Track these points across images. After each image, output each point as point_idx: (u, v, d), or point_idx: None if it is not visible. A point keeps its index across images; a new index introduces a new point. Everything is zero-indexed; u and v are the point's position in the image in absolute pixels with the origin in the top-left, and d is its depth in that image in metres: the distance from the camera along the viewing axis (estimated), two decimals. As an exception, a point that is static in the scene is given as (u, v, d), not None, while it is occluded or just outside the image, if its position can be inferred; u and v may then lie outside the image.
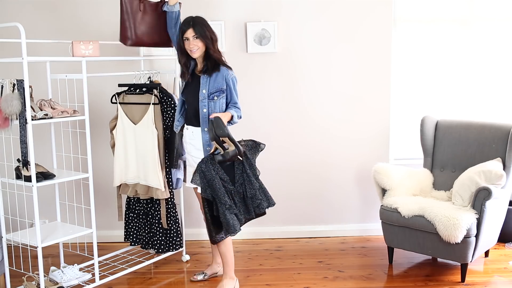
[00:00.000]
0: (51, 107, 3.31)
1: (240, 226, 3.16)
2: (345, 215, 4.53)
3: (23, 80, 3.00)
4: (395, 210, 3.67)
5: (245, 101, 4.35)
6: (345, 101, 4.41)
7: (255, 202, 3.25)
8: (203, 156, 3.28)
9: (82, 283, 3.46)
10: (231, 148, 3.08)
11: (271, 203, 3.32)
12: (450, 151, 4.04)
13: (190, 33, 3.22)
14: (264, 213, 3.32)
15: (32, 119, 3.04)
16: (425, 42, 4.52)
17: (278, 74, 4.37)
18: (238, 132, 4.46)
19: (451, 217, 3.38)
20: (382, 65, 4.38)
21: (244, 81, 4.34)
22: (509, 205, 3.96)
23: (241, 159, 3.18)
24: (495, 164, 3.66)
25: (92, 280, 3.49)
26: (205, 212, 3.16)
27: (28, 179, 3.11)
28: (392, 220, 3.70)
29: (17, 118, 3.06)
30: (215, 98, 3.26)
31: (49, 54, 3.90)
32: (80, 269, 3.61)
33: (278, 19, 4.28)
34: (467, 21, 4.50)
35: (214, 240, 3.25)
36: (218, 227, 3.19)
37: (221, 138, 3.05)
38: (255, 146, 3.34)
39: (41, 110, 3.23)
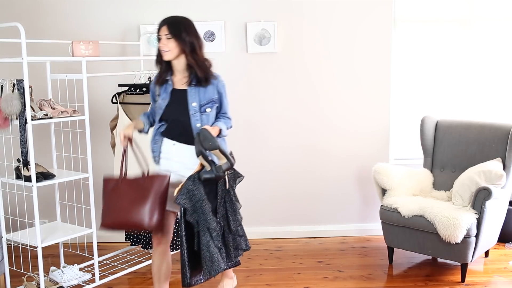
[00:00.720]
0: (51, 107, 3.32)
1: (224, 267, 2.71)
2: (345, 215, 4.53)
3: (23, 80, 3.00)
4: (395, 210, 3.67)
5: (245, 101, 4.36)
6: (345, 101, 4.41)
7: (236, 240, 2.82)
8: None
9: (82, 283, 3.46)
10: (222, 161, 2.69)
11: (247, 245, 2.91)
12: (450, 151, 4.04)
13: (163, 31, 2.78)
14: (238, 264, 2.92)
15: (32, 119, 3.04)
16: (425, 42, 4.51)
17: (278, 74, 4.37)
18: (238, 132, 4.46)
19: (451, 217, 3.38)
20: (382, 65, 4.38)
21: (244, 81, 4.35)
22: (509, 205, 3.95)
23: (231, 172, 2.78)
24: (495, 164, 3.66)
25: (92, 280, 3.49)
26: (183, 244, 2.65)
27: (28, 179, 3.11)
28: (392, 220, 3.70)
29: (17, 118, 3.06)
30: (208, 110, 2.85)
31: (49, 54, 3.90)
32: (80, 269, 3.61)
33: (278, 19, 4.28)
34: (467, 21, 4.50)
35: (189, 283, 2.69)
36: (195, 267, 2.70)
37: (211, 151, 2.67)
38: (235, 174, 2.91)
39: (41, 110, 3.23)
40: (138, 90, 3.70)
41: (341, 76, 4.39)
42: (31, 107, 3.10)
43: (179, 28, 2.77)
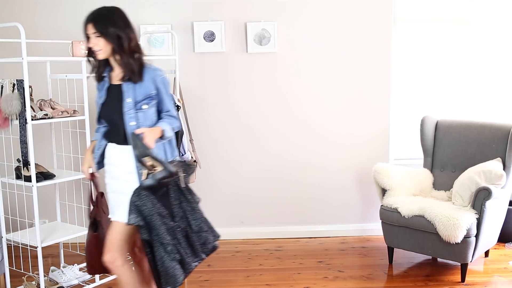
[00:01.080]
0: (51, 107, 3.32)
1: (188, 273, 2.56)
2: (345, 215, 4.53)
3: (23, 80, 3.00)
4: (395, 210, 3.67)
5: (244, 101, 4.36)
6: (345, 102, 4.41)
7: (201, 237, 2.61)
8: (136, 179, 2.56)
9: (82, 283, 3.46)
10: (158, 168, 2.44)
11: (216, 234, 2.69)
12: (450, 151, 4.04)
13: (89, 30, 2.52)
14: (216, 248, 2.70)
15: (32, 119, 3.04)
16: (425, 42, 4.52)
17: (278, 74, 4.37)
18: (238, 131, 4.46)
19: (451, 217, 3.38)
20: (382, 65, 4.38)
21: (243, 81, 4.35)
22: (509, 205, 3.95)
23: (176, 177, 2.54)
24: (495, 164, 3.66)
25: (92, 280, 3.49)
26: (149, 259, 2.52)
27: (28, 179, 3.11)
28: (392, 220, 3.70)
29: (17, 118, 3.07)
30: (144, 107, 2.56)
31: (49, 54, 3.90)
32: (80, 269, 3.61)
33: (278, 19, 4.28)
34: (467, 21, 4.50)
35: None
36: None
37: (143, 159, 2.45)
38: (187, 168, 2.67)
39: (41, 110, 3.23)
40: (138, 90, 3.69)
41: (341, 76, 4.39)
42: (31, 107, 3.10)
43: (106, 24, 2.52)
